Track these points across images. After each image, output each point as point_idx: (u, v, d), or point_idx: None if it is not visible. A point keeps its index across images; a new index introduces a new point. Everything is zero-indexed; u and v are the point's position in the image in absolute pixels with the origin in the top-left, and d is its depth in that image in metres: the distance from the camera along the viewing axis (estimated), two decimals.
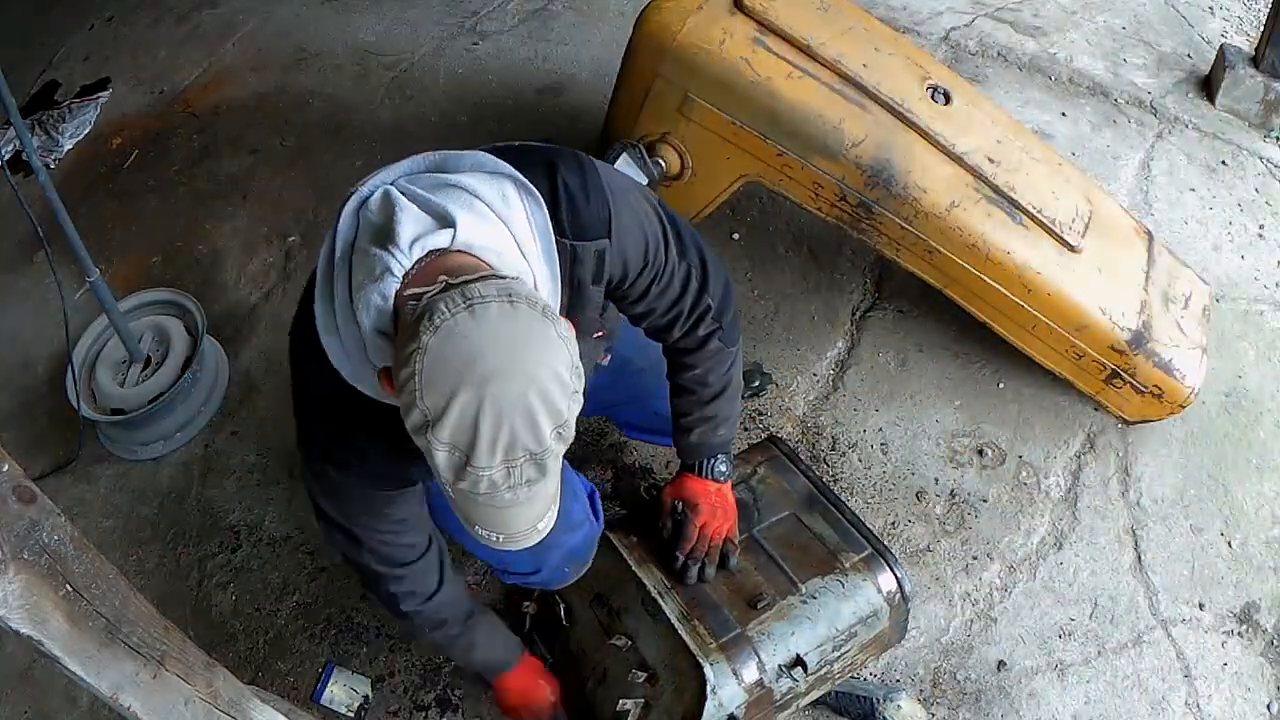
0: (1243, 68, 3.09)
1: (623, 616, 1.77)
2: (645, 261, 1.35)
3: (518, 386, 0.96)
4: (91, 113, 3.31)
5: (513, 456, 0.98)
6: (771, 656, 1.69)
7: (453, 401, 0.95)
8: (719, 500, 1.79)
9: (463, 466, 0.98)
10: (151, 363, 2.49)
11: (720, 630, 1.69)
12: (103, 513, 2.37)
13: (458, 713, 2.03)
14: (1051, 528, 2.26)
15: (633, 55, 2.25)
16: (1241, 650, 2.12)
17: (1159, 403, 2.28)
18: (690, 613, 1.71)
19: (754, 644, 1.68)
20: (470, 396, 0.95)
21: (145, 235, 2.92)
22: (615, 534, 1.85)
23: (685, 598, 1.73)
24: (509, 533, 1.06)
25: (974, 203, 2.17)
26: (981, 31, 3.35)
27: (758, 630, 1.70)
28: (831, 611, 1.77)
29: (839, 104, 2.15)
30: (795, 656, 1.70)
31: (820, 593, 1.78)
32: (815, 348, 2.55)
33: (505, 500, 1.01)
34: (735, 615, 1.72)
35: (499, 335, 0.97)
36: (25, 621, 0.97)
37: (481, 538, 1.07)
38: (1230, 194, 2.93)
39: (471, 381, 0.95)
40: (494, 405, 0.95)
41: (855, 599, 1.79)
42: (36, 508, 1.00)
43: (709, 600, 1.75)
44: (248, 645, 2.14)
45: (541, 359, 0.98)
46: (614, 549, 1.82)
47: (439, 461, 0.99)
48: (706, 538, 1.78)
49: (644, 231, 1.33)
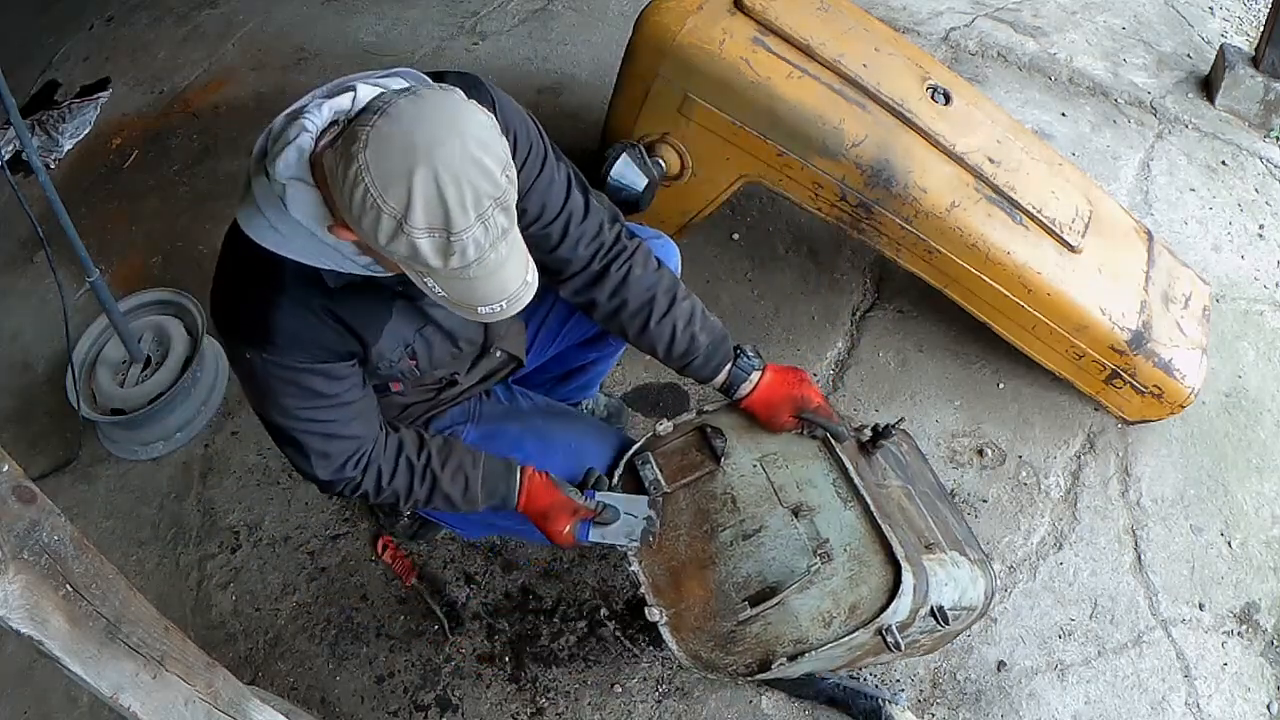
0: (1243, 68, 3.09)
1: (804, 488, 1.67)
2: (529, 145, 1.44)
3: (458, 144, 1.07)
4: (91, 113, 3.31)
5: (481, 207, 1.08)
6: (934, 594, 1.62)
7: (412, 184, 1.05)
8: (789, 376, 1.74)
9: (447, 242, 1.08)
10: (151, 363, 2.49)
11: (907, 546, 1.60)
12: (103, 513, 2.37)
13: (457, 713, 2.03)
14: (1051, 528, 2.26)
15: (633, 55, 2.25)
16: (1241, 650, 2.12)
17: (1159, 403, 2.28)
18: (883, 516, 1.61)
19: (928, 574, 1.63)
20: (424, 172, 1.05)
21: (145, 235, 2.92)
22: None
23: (876, 502, 1.63)
24: (509, 294, 1.17)
25: (974, 203, 2.16)
26: (981, 31, 3.35)
27: (930, 565, 1.64)
28: (964, 586, 1.74)
29: (839, 104, 2.15)
30: (941, 606, 1.64)
31: (961, 565, 1.75)
32: (815, 348, 2.55)
33: (491, 261, 1.12)
34: (913, 542, 1.66)
35: (421, 115, 1.08)
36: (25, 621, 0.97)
37: (486, 316, 1.18)
38: (1230, 194, 2.93)
39: (418, 159, 1.05)
40: (447, 169, 1.06)
41: (976, 587, 1.78)
42: (36, 508, 1.00)
43: (896, 517, 1.67)
44: (248, 645, 2.14)
45: (466, 116, 1.11)
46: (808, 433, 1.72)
47: (425, 253, 1.08)
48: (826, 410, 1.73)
49: (525, 124, 1.44)
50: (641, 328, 1.66)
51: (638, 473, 1.72)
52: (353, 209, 1.08)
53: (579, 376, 2.08)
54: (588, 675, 2.06)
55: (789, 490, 1.67)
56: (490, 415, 1.81)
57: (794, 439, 1.73)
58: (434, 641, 2.11)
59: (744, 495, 1.69)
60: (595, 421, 1.90)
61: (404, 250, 1.09)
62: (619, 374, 2.48)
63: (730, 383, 1.72)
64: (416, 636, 2.11)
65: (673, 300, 1.66)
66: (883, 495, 1.70)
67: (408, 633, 2.12)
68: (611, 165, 2.24)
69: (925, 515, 1.80)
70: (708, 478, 1.72)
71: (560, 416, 1.87)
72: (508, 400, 1.87)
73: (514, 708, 2.03)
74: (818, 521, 1.62)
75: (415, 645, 2.10)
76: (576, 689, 2.04)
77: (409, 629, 2.12)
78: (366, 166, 1.06)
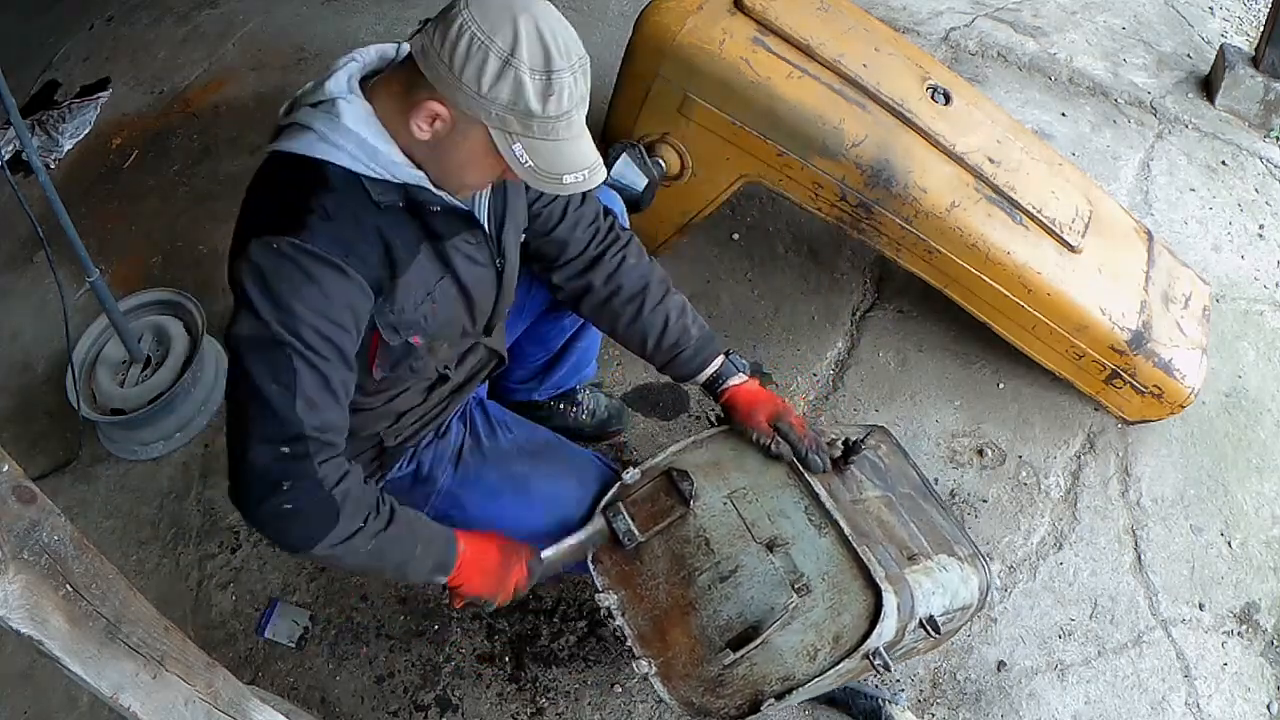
0: (1243, 68, 3.09)
1: (776, 521, 1.65)
2: None
3: (547, 6, 1.21)
4: (91, 113, 3.31)
5: (574, 58, 1.20)
6: (920, 607, 1.62)
7: (517, 25, 1.16)
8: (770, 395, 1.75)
9: (548, 82, 1.18)
10: (151, 363, 2.49)
11: (886, 564, 1.59)
12: (103, 513, 2.37)
13: (457, 713, 2.03)
14: (1051, 528, 2.26)
15: (633, 55, 2.25)
16: (1241, 650, 2.12)
17: (1159, 403, 2.28)
18: (858, 538, 1.60)
19: (911, 589, 1.61)
20: (526, 18, 1.17)
21: (145, 235, 2.92)
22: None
23: (850, 523, 1.62)
24: (589, 164, 1.27)
25: (974, 203, 2.17)
26: (981, 31, 3.35)
27: (913, 578, 1.64)
28: (954, 589, 1.73)
29: (839, 104, 2.15)
30: (930, 616, 1.64)
31: (950, 568, 1.74)
32: (815, 348, 2.55)
33: (577, 122, 1.22)
34: (894, 556, 1.65)
35: None
36: (25, 621, 0.97)
37: (572, 185, 1.26)
38: (1230, 194, 2.93)
39: (519, 8, 1.18)
40: (545, 21, 1.19)
41: (968, 586, 1.77)
42: (36, 508, 1.00)
43: (873, 534, 1.66)
44: (247, 645, 2.14)
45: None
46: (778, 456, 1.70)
47: (528, 92, 1.17)
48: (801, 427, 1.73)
49: None
50: (634, 315, 1.67)
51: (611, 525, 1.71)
52: (456, 60, 1.17)
53: (566, 357, 2.06)
54: (588, 675, 2.06)
55: (761, 524, 1.65)
56: (469, 460, 1.74)
57: (763, 469, 1.71)
58: (434, 641, 2.11)
59: (717, 535, 1.67)
60: (575, 456, 1.83)
61: (507, 93, 1.17)
62: (619, 374, 2.48)
63: (720, 374, 1.73)
64: (416, 636, 2.11)
65: (665, 291, 1.69)
66: (859, 512, 1.69)
67: (408, 633, 2.12)
68: (611, 165, 2.24)
69: (908, 522, 1.79)
70: (679, 522, 1.69)
71: (539, 457, 1.80)
72: (488, 436, 1.79)
73: (514, 708, 2.03)
74: (793, 553, 1.61)
75: (415, 645, 2.10)
76: (576, 689, 2.04)
77: (409, 629, 2.12)
78: (472, 17, 1.16)
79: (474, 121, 1.21)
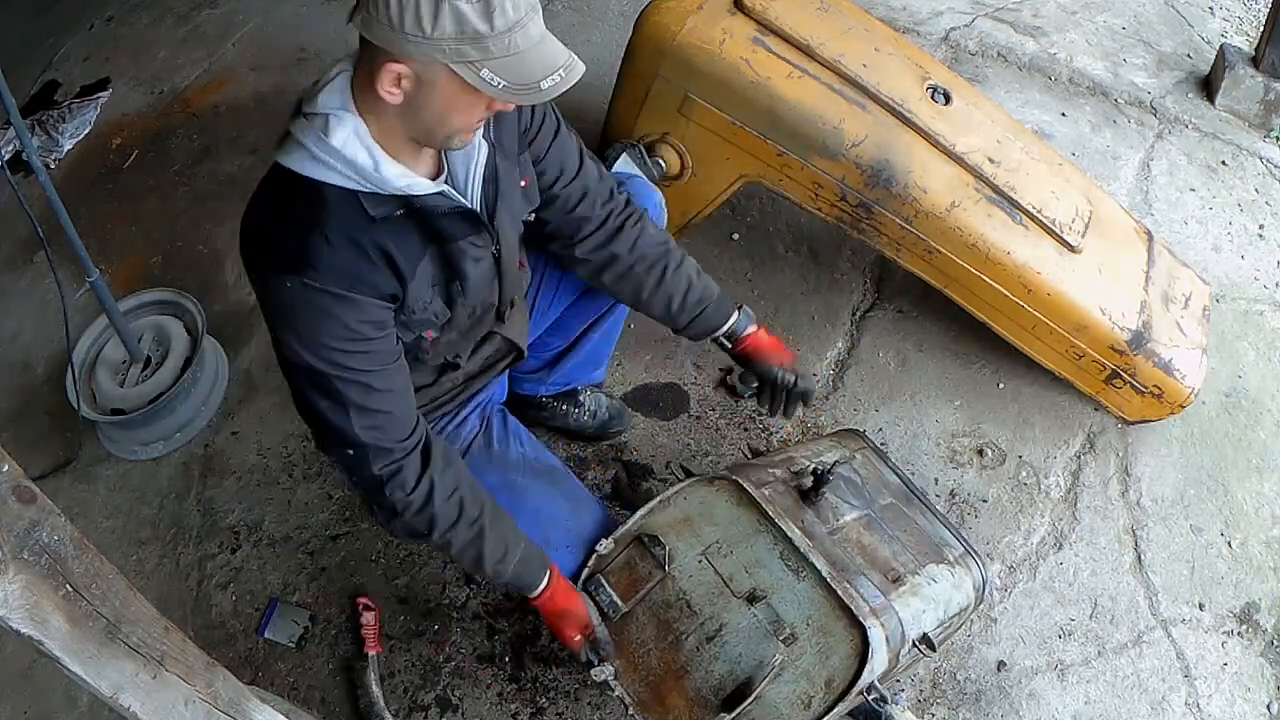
0: (1243, 68, 3.09)
1: (753, 571, 1.66)
2: (544, 110, 1.58)
3: None
4: (91, 113, 3.31)
5: None
6: (911, 630, 1.63)
7: None
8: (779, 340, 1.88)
9: (489, 6, 1.15)
10: (151, 363, 2.49)
11: (870, 597, 1.60)
12: (103, 513, 2.37)
13: (457, 713, 2.03)
14: (1051, 528, 2.26)
15: (633, 55, 2.25)
16: (1241, 650, 2.12)
17: (1159, 403, 2.28)
18: (837, 575, 1.61)
19: (899, 615, 1.62)
20: None
21: (145, 235, 2.92)
22: (748, 483, 1.71)
23: (828, 560, 1.63)
24: (563, 62, 1.23)
25: (974, 203, 2.17)
26: (981, 31, 3.35)
27: (900, 602, 1.64)
28: (946, 598, 1.74)
29: (839, 104, 2.15)
30: (924, 635, 1.65)
31: (939, 578, 1.75)
32: (815, 348, 2.55)
33: (533, 30, 1.19)
34: (878, 584, 1.65)
35: None
36: (25, 621, 0.97)
37: (548, 91, 1.23)
38: (1230, 194, 2.93)
39: None
40: None
41: (961, 590, 1.78)
42: (36, 508, 1.00)
43: (853, 565, 1.66)
44: (247, 645, 2.14)
45: None
46: (749, 500, 1.70)
47: (470, 18, 1.15)
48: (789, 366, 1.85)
49: None
50: (659, 279, 1.75)
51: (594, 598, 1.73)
52: (393, 17, 1.16)
53: (579, 348, 2.09)
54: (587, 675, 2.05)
55: (739, 578, 1.67)
56: (475, 455, 1.80)
57: (732, 519, 1.71)
58: (434, 641, 2.11)
59: (697, 596, 1.69)
60: (576, 489, 1.87)
61: (451, 25, 1.15)
62: (619, 374, 2.48)
63: (740, 323, 1.83)
64: (416, 636, 2.11)
65: (682, 254, 1.79)
66: (837, 543, 1.70)
67: (408, 633, 2.12)
68: (611, 165, 2.25)
69: (892, 538, 1.79)
70: (659, 587, 1.71)
71: (542, 477, 1.83)
72: (500, 442, 1.84)
73: (514, 708, 2.03)
74: (774, 603, 1.63)
75: (415, 645, 2.10)
76: (576, 689, 2.04)
77: (409, 629, 2.12)
78: None
79: (434, 66, 1.21)
